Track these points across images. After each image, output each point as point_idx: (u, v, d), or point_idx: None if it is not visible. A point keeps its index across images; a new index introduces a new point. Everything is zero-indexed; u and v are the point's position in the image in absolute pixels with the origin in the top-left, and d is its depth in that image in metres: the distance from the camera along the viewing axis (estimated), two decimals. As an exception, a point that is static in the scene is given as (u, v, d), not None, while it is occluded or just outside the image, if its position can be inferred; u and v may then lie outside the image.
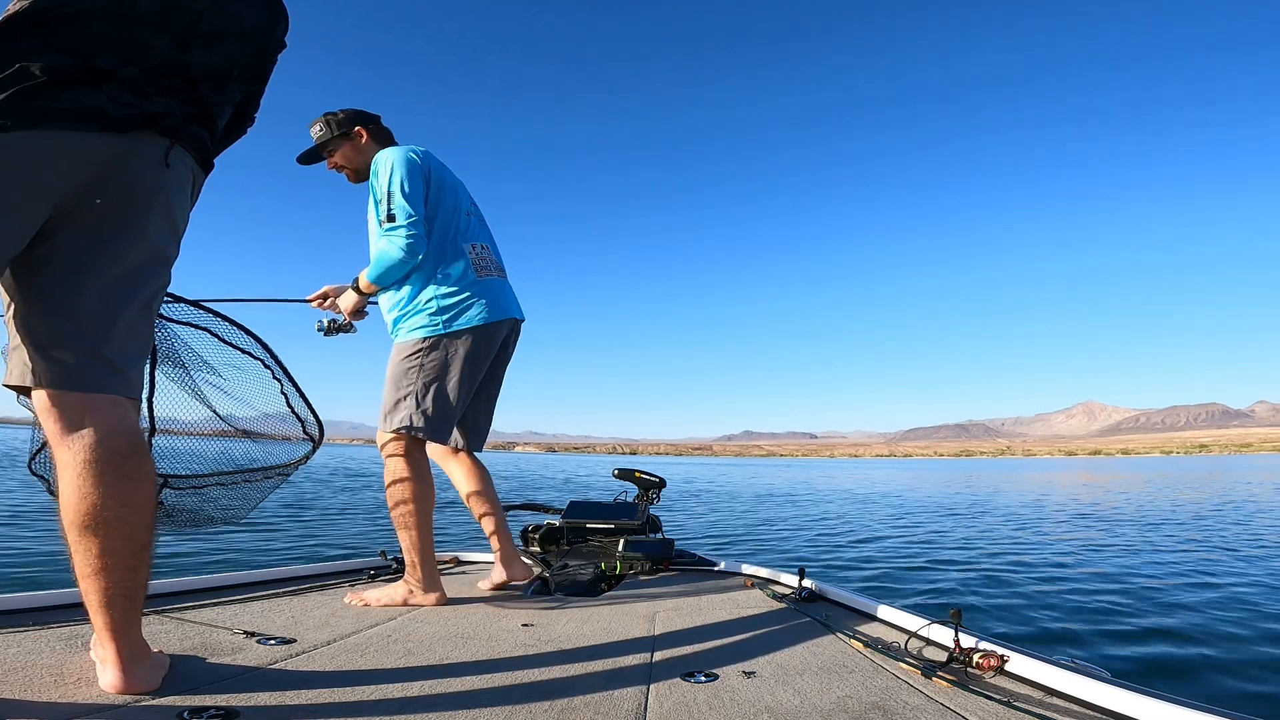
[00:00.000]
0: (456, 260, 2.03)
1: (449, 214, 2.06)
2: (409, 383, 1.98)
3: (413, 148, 2.05)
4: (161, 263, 1.12)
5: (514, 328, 2.21)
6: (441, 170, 2.10)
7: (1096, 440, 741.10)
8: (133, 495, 1.02)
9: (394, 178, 1.94)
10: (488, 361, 2.12)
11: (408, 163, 1.97)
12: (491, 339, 2.09)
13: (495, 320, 2.06)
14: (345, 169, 2.16)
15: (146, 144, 1.05)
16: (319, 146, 2.15)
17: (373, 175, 2.01)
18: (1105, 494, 15.92)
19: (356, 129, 2.12)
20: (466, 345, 2.02)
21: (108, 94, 1.00)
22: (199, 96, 1.13)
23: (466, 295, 2.02)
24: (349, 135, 2.12)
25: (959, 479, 27.38)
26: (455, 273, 2.02)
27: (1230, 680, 2.83)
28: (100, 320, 1.02)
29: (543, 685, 1.20)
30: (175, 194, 1.11)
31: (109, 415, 1.02)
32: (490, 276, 2.10)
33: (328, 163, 2.18)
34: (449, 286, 2.01)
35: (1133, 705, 1.04)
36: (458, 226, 2.07)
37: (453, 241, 2.05)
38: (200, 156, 1.17)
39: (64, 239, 1.00)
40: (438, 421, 2.00)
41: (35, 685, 1.07)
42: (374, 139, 2.14)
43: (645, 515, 2.92)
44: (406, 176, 1.95)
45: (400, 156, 1.98)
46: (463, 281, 2.03)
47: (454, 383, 2.01)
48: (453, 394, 2.02)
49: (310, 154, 2.19)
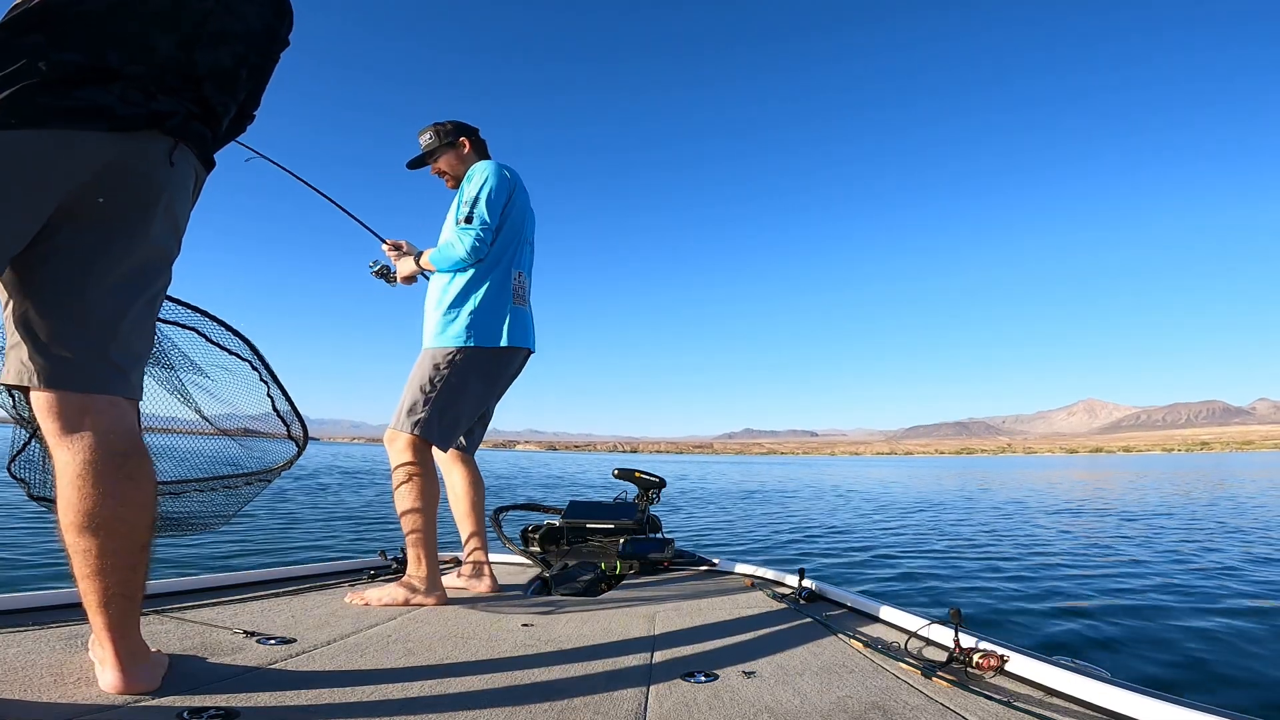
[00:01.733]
0: (503, 283, 2.16)
1: (512, 236, 2.19)
2: (431, 389, 2.05)
3: (507, 166, 2.23)
4: (164, 262, 1.11)
5: (527, 356, 2.31)
6: (523, 196, 2.26)
7: (1097, 438, 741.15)
8: (133, 495, 1.02)
9: (485, 186, 2.12)
10: (502, 383, 2.25)
11: (500, 177, 2.16)
12: (510, 362, 2.21)
13: (517, 346, 2.17)
14: (447, 175, 2.33)
15: (152, 143, 1.05)
16: (426, 154, 2.32)
17: (466, 179, 2.18)
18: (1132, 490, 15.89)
19: (461, 139, 2.31)
20: (489, 364, 2.13)
21: (116, 93, 0.99)
22: (203, 96, 1.13)
23: (501, 318, 2.13)
24: (454, 145, 2.31)
25: (962, 477, 27.44)
26: (497, 295, 2.14)
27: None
28: (102, 320, 1.02)
29: (543, 685, 1.20)
30: (178, 193, 1.11)
31: (108, 415, 1.02)
32: (522, 306, 2.22)
33: (431, 168, 2.34)
34: (489, 306, 2.12)
35: (1133, 705, 1.04)
36: (515, 252, 2.21)
37: (505, 265, 2.17)
38: (202, 155, 1.17)
39: (66, 237, 1.00)
40: (448, 430, 2.09)
41: (35, 685, 1.06)
42: (474, 149, 2.34)
43: (645, 515, 2.93)
44: (496, 189, 2.13)
45: (496, 170, 2.17)
46: (502, 304, 2.15)
47: (470, 396, 2.11)
48: (466, 407, 2.12)
49: (419, 160, 2.35)
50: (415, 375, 2.09)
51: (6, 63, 0.92)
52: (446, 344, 2.09)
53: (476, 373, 2.10)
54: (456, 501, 2.33)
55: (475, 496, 2.33)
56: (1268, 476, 21.96)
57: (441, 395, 2.05)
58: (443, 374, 2.06)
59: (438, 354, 2.09)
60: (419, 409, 2.03)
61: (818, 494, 16.01)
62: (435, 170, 2.34)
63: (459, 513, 2.32)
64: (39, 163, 0.94)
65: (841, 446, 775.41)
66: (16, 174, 0.92)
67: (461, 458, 2.34)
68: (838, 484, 21.27)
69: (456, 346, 2.08)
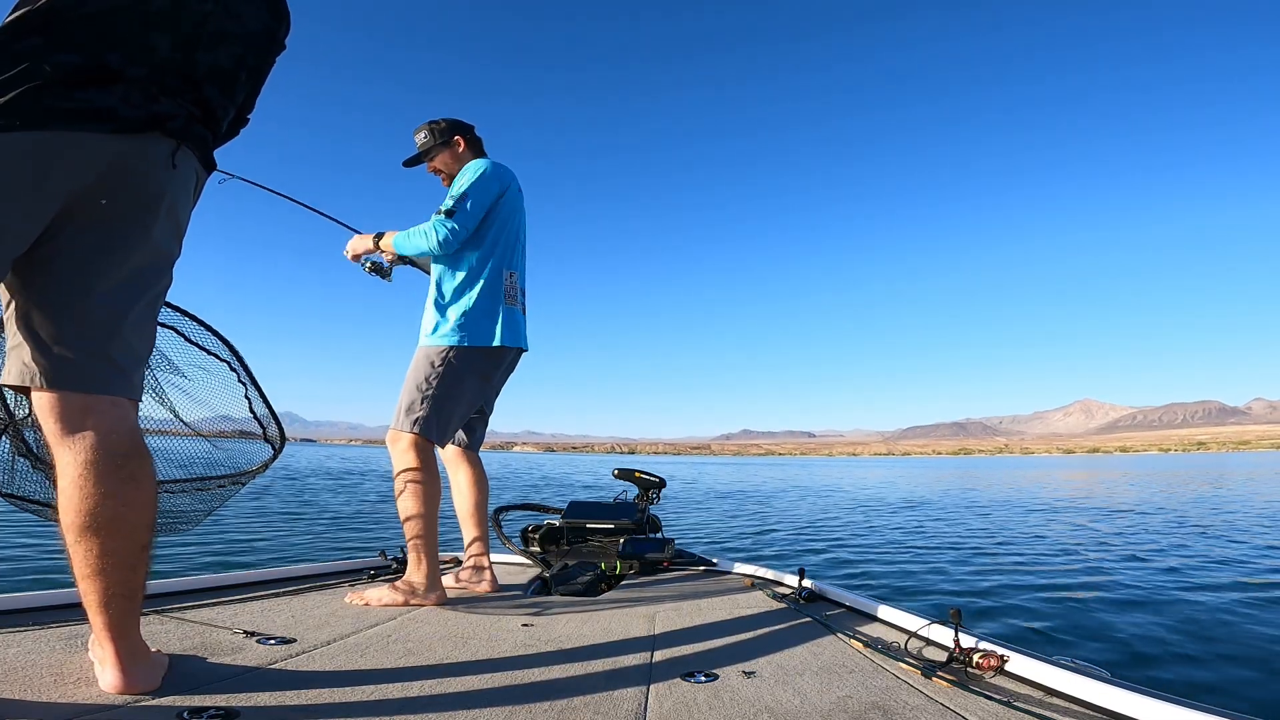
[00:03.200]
0: (494, 283, 2.17)
1: (503, 236, 2.20)
2: (428, 386, 2.07)
3: (503, 165, 2.24)
4: (165, 264, 1.12)
5: (518, 355, 2.31)
6: (515, 195, 2.26)
7: (1094, 438, 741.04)
8: (134, 495, 1.02)
9: (474, 184, 2.14)
10: (495, 381, 2.28)
11: (491, 174, 2.18)
12: (501, 361, 2.22)
13: (508, 345, 2.18)
14: (443, 173, 2.34)
15: (154, 145, 1.05)
16: (422, 152, 2.34)
17: (460, 175, 2.20)
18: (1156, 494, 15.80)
19: (456, 138, 2.32)
20: (482, 362, 2.15)
21: (118, 94, 0.99)
22: (203, 97, 1.13)
23: (494, 318, 2.15)
24: (449, 143, 2.32)
25: (965, 478, 27.43)
26: (490, 295, 2.15)
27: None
28: (105, 321, 1.02)
29: (543, 685, 1.20)
30: (180, 195, 1.11)
31: (110, 416, 1.02)
32: (514, 306, 2.22)
33: (428, 166, 2.36)
34: (482, 306, 2.14)
35: (1133, 705, 1.04)
36: (507, 252, 2.21)
37: (496, 265, 2.18)
38: (203, 157, 1.17)
39: (68, 239, 1.00)
40: (444, 426, 2.10)
41: (35, 685, 1.06)
42: (469, 147, 2.35)
43: (645, 515, 2.93)
44: (484, 186, 2.15)
45: (488, 168, 2.18)
46: (494, 304, 2.16)
47: (464, 394, 2.13)
48: (461, 404, 2.14)
49: (415, 159, 2.37)
50: (412, 374, 2.11)
51: (8, 65, 0.92)
52: (440, 342, 2.11)
53: (470, 371, 2.12)
54: (460, 500, 2.33)
55: (479, 496, 2.34)
56: (1262, 477, 21.90)
57: (437, 392, 2.06)
58: (438, 371, 2.08)
59: (432, 352, 2.10)
60: (417, 407, 2.05)
61: (817, 495, 16.01)
62: (431, 169, 2.35)
63: (462, 512, 2.33)
64: (42, 165, 0.94)
65: (839, 447, 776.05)
66: (19, 176, 0.92)
67: (466, 455, 2.35)
68: (836, 485, 21.27)
69: (449, 345, 2.10)
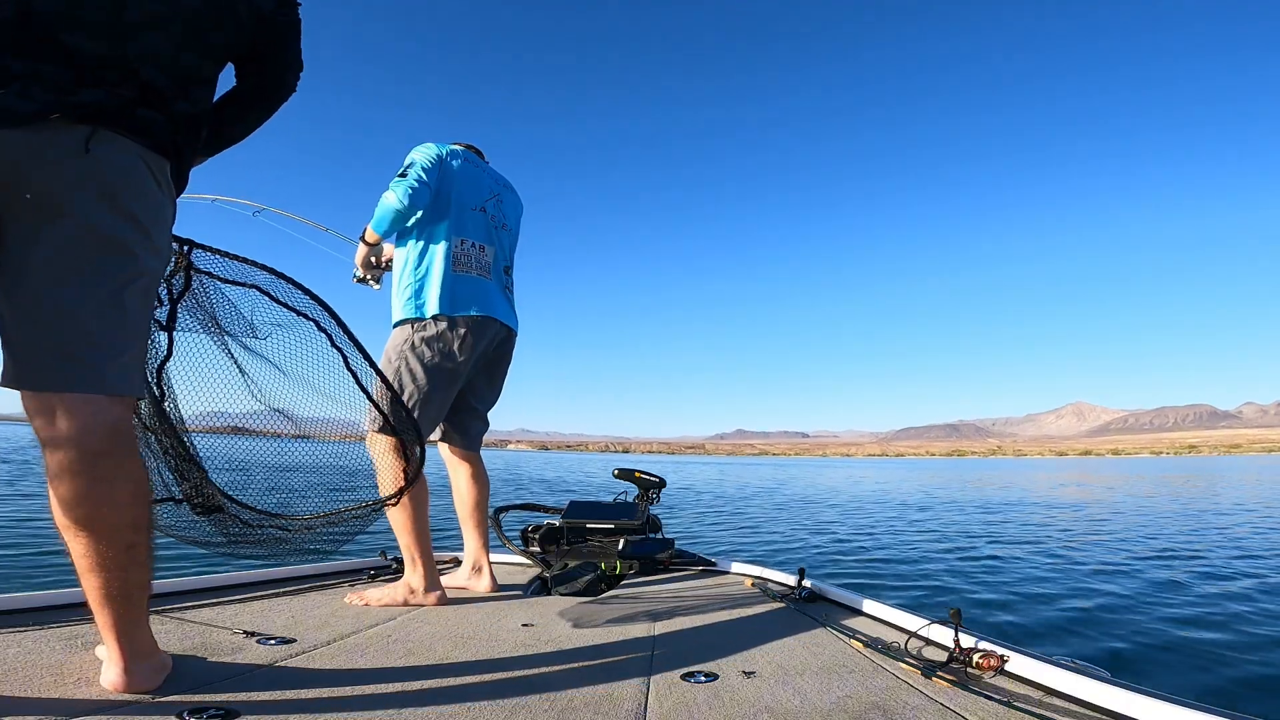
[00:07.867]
0: (439, 246, 2.08)
1: (450, 199, 2.11)
2: (390, 375, 1.98)
3: (452, 144, 2.20)
4: (122, 252, 1.05)
5: (498, 332, 2.18)
6: (466, 166, 2.17)
7: (1086, 440, 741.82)
8: (106, 496, 1.00)
9: (412, 152, 2.13)
10: (462, 358, 2.05)
11: (426, 145, 2.15)
12: (460, 334, 2.04)
13: (460, 314, 2.04)
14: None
15: (61, 133, 1.00)
16: None
17: None
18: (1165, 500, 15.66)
19: None
20: (432, 338, 2.03)
21: (14, 90, 0.97)
22: (142, 81, 1.08)
23: (435, 283, 2.04)
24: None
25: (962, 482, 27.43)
26: (432, 260, 2.08)
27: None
28: (55, 316, 0.99)
29: (543, 685, 1.20)
30: (117, 180, 1.05)
31: (82, 414, 0.99)
32: (469, 274, 2.10)
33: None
34: (425, 277, 2.07)
35: (1133, 705, 1.04)
36: (457, 218, 2.11)
37: (444, 230, 2.09)
38: (153, 141, 1.10)
39: (3, 236, 0.98)
40: (424, 421, 1.98)
41: (35, 685, 1.07)
42: None
43: (645, 515, 2.93)
44: (422, 151, 2.12)
45: (428, 144, 2.16)
46: (435, 269, 2.06)
47: (425, 377, 2.01)
48: (432, 391, 2.02)
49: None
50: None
51: None
52: (392, 330, 2.07)
53: (425, 348, 2.01)
54: (460, 499, 2.30)
55: (479, 495, 2.29)
56: (1255, 480, 21.75)
57: (401, 384, 1.99)
58: (394, 365, 2.01)
59: (389, 344, 2.08)
60: None
61: (817, 495, 16.00)
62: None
63: (461, 511, 2.30)
64: None
65: (833, 448, 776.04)
66: None
67: (465, 454, 2.30)
68: (835, 485, 21.27)
69: (396, 327, 2.06)
